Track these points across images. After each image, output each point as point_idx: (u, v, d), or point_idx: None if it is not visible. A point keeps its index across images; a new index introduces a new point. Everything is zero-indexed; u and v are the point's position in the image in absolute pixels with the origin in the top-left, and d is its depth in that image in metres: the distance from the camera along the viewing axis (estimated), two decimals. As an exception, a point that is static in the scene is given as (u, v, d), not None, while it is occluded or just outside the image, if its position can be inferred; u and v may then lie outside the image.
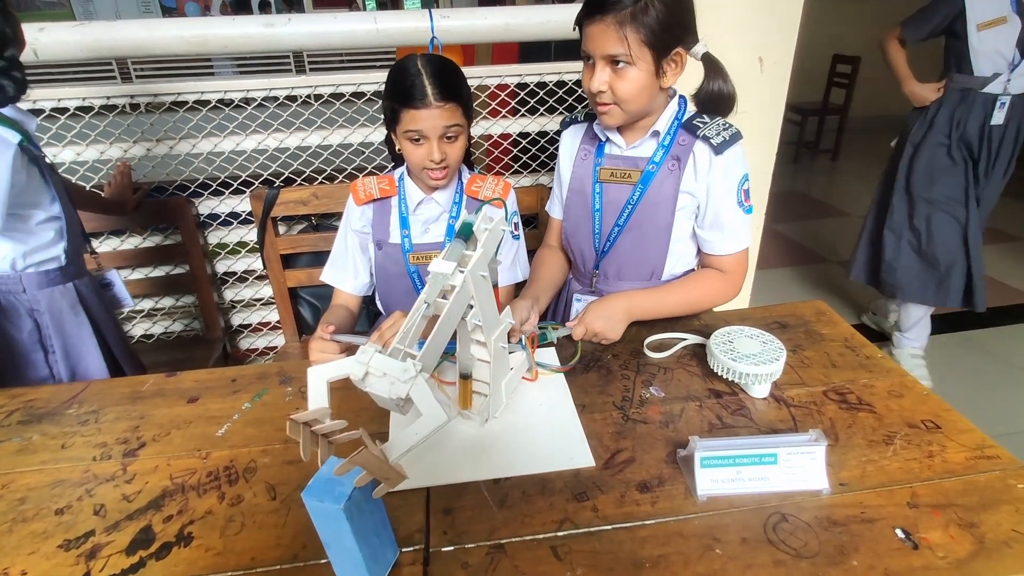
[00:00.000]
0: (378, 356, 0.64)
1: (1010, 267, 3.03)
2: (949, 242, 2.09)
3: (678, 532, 0.68)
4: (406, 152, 1.08)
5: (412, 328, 0.68)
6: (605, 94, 0.98)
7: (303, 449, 0.57)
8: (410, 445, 0.61)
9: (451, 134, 1.06)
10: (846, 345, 1.00)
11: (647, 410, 0.87)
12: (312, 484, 0.57)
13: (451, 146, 1.08)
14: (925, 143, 2.10)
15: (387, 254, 1.19)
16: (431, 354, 0.67)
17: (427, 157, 1.06)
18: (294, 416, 0.57)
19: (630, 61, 0.94)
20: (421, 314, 0.69)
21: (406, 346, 0.67)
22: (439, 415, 0.62)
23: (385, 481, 0.58)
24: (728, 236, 1.08)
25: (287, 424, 0.57)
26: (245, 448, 0.83)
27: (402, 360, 0.64)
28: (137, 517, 0.73)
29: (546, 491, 0.74)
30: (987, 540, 0.65)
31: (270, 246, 1.56)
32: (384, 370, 0.63)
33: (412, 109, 1.02)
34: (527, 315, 1.00)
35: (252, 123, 1.61)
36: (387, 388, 0.62)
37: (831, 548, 0.65)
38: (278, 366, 1.02)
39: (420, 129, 1.04)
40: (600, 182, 1.11)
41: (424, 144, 1.06)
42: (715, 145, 1.02)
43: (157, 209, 1.61)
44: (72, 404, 0.95)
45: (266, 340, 1.90)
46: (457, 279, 0.71)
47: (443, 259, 0.72)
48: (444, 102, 1.03)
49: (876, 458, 0.77)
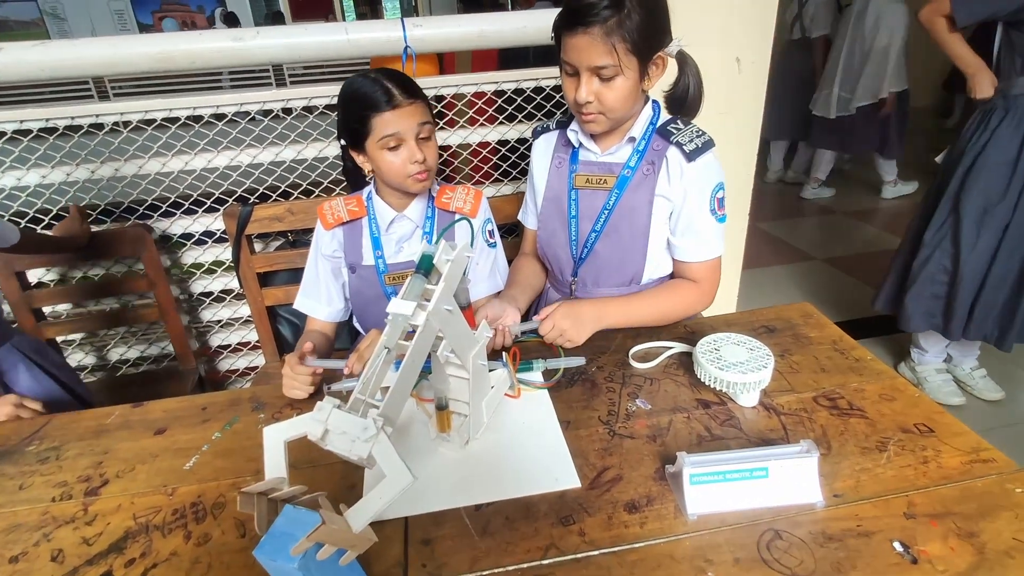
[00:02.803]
0: (336, 412, 0.59)
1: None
2: (1003, 275, 1.74)
3: (669, 555, 0.65)
4: (384, 164, 1.04)
5: (372, 376, 0.62)
6: (592, 104, 0.95)
7: (258, 523, 0.54)
8: (375, 511, 0.56)
9: (424, 133, 1.04)
10: (835, 348, 0.98)
11: (634, 424, 0.84)
12: (264, 540, 0.53)
13: (428, 146, 1.05)
14: (984, 158, 1.70)
15: (362, 277, 1.15)
16: (395, 405, 0.62)
17: (408, 160, 1.03)
18: (247, 489, 0.54)
19: (618, 71, 0.91)
20: (382, 360, 0.64)
21: (368, 396, 0.62)
22: (404, 476, 0.56)
23: (352, 548, 0.55)
24: (700, 243, 1.06)
25: (238, 498, 0.54)
26: (214, 482, 0.79)
27: (362, 415, 0.59)
28: (97, 562, 0.69)
29: (530, 516, 0.71)
30: (988, 550, 0.63)
31: (246, 264, 1.52)
32: (344, 428, 0.58)
33: (384, 113, 1.00)
34: (501, 311, 0.98)
35: (224, 139, 1.57)
36: (347, 447, 0.57)
37: (827, 566, 0.62)
38: (251, 391, 0.98)
39: (396, 131, 1.01)
40: (576, 189, 1.09)
41: (403, 148, 1.03)
42: (687, 152, 1.00)
43: (113, 240, 1.53)
44: (32, 440, 0.90)
45: (246, 360, 1.86)
46: (419, 318, 0.66)
47: (402, 298, 0.67)
48: (412, 99, 1.02)
49: (870, 466, 0.74)
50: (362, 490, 0.77)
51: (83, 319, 1.63)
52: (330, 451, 0.58)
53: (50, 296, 1.56)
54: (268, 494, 0.55)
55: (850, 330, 1.04)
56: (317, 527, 0.49)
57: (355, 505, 0.56)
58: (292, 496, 0.55)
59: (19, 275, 1.50)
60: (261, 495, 0.54)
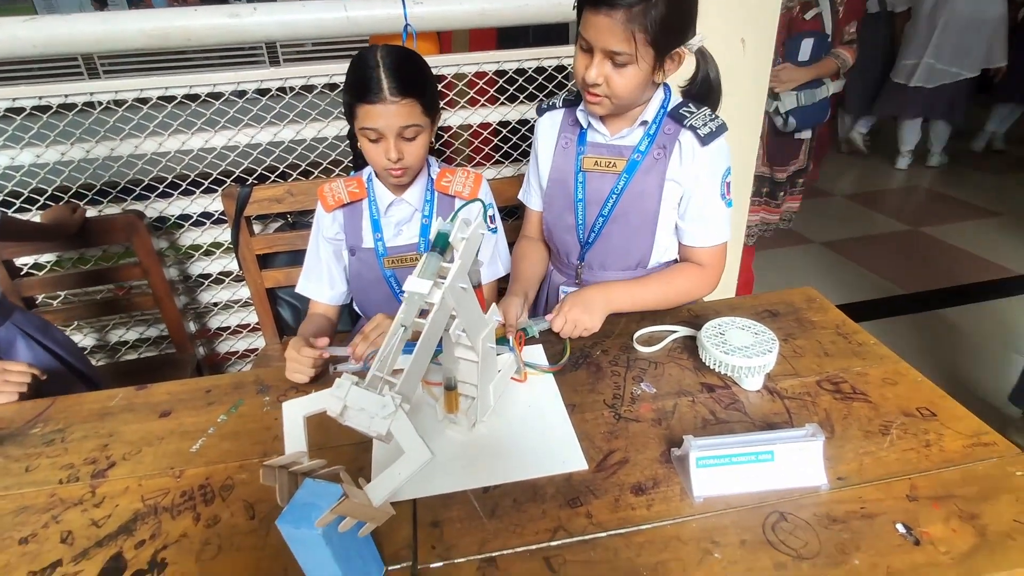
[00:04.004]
0: (355, 389, 0.59)
1: (991, 242, 3.06)
2: None
3: (675, 536, 0.66)
4: (365, 150, 1.03)
5: (390, 354, 0.63)
6: (600, 87, 0.94)
7: (279, 496, 0.54)
8: (394, 486, 0.57)
9: (409, 135, 1.00)
10: (838, 332, 0.98)
11: (639, 407, 0.85)
12: (287, 510, 0.53)
13: (409, 145, 1.01)
14: None
15: (361, 260, 1.14)
16: (412, 381, 0.63)
17: (384, 156, 1.00)
18: (269, 462, 0.54)
19: (632, 60, 0.89)
20: (399, 338, 0.64)
21: (385, 373, 0.62)
22: (423, 452, 0.58)
23: (371, 521, 0.55)
24: (709, 228, 1.05)
25: (261, 471, 0.54)
26: (221, 464, 0.80)
27: (380, 392, 0.59)
28: (107, 543, 0.69)
29: (538, 498, 0.71)
30: (989, 532, 0.64)
31: (245, 246, 1.51)
32: (362, 405, 0.59)
33: (367, 104, 0.96)
34: (520, 312, 0.98)
35: (221, 119, 1.55)
36: (366, 424, 0.58)
37: (832, 547, 0.63)
38: (254, 374, 0.98)
39: (376, 127, 0.97)
40: (583, 171, 1.08)
41: (381, 142, 1.00)
42: (702, 136, 0.99)
43: (104, 228, 1.50)
44: (37, 423, 0.90)
45: (246, 343, 1.85)
46: (435, 296, 0.66)
47: (418, 276, 0.66)
48: (401, 97, 0.96)
49: (873, 450, 0.75)
50: (371, 473, 0.77)
51: (76, 307, 1.62)
52: (340, 433, 0.59)
53: (41, 284, 1.54)
54: (289, 467, 0.55)
55: (850, 312, 1.04)
56: (341, 500, 0.50)
57: (375, 480, 0.56)
58: (312, 470, 0.55)
59: (6, 263, 1.48)
60: (282, 468, 0.55)
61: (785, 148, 2.18)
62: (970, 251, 2.97)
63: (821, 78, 2.06)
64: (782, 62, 2.02)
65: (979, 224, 3.28)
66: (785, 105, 2.05)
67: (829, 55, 2.05)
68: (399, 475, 0.56)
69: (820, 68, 2.04)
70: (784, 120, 2.07)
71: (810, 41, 2.01)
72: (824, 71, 2.06)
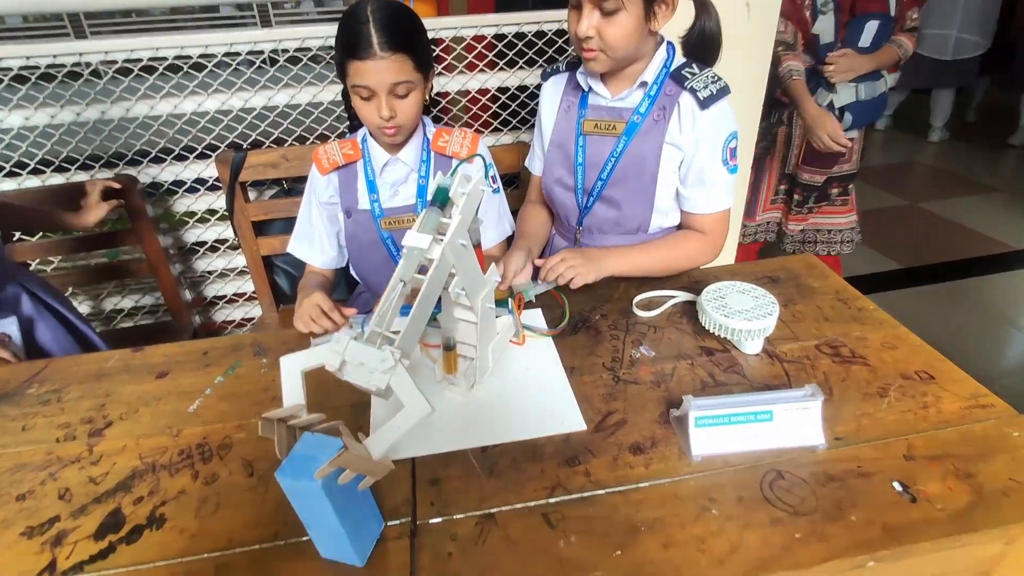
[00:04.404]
0: (354, 344, 0.59)
1: (988, 218, 3.05)
2: None
3: (673, 494, 0.66)
4: (357, 108, 1.01)
5: (389, 309, 0.62)
6: (592, 40, 0.92)
7: (278, 448, 0.54)
8: (393, 439, 0.57)
9: (401, 91, 0.98)
10: (838, 298, 0.98)
11: (638, 370, 0.85)
12: (286, 463, 0.53)
13: (401, 103, 0.99)
14: None
15: (357, 222, 1.13)
16: (411, 337, 0.62)
17: (376, 113, 0.98)
18: (267, 414, 0.54)
19: (620, 6, 0.88)
20: (398, 294, 0.63)
21: (384, 329, 0.62)
22: (422, 406, 0.58)
23: (370, 475, 0.55)
24: (710, 195, 1.04)
25: (259, 423, 0.54)
26: (219, 424, 0.79)
27: (379, 347, 0.59)
28: (105, 500, 0.69)
29: (536, 457, 0.72)
30: (985, 490, 0.64)
31: (240, 213, 1.49)
32: (361, 359, 0.58)
33: (357, 60, 0.94)
34: (522, 265, 0.97)
35: (214, 82, 1.51)
36: (366, 378, 0.58)
37: (829, 504, 0.64)
38: (252, 337, 0.98)
39: (367, 84, 0.95)
40: (584, 135, 1.06)
41: (373, 100, 0.98)
42: (702, 99, 0.97)
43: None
44: (32, 383, 0.89)
45: (242, 311, 1.85)
46: (435, 252, 0.65)
47: (417, 231, 0.65)
48: (391, 52, 0.93)
49: (871, 411, 0.75)
50: (369, 433, 0.77)
51: (70, 273, 1.60)
52: (338, 393, 0.58)
53: (33, 250, 1.52)
54: (287, 421, 0.55)
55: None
56: (341, 451, 0.50)
57: (374, 433, 0.56)
58: (311, 424, 0.55)
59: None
60: (280, 421, 0.54)
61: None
62: (968, 227, 2.97)
63: (880, 69, 1.74)
64: (841, 47, 1.70)
65: (978, 200, 3.27)
66: (842, 99, 1.72)
67: (890, 43, 1.73)
68: (399, 428, 0.56)
69: (882, 57, 1.72)
70: (838, 117, 1.73)
71: (875, 24, 1.68)
72: (885, 61, 1.73)
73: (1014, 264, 2.63)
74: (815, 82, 1.73)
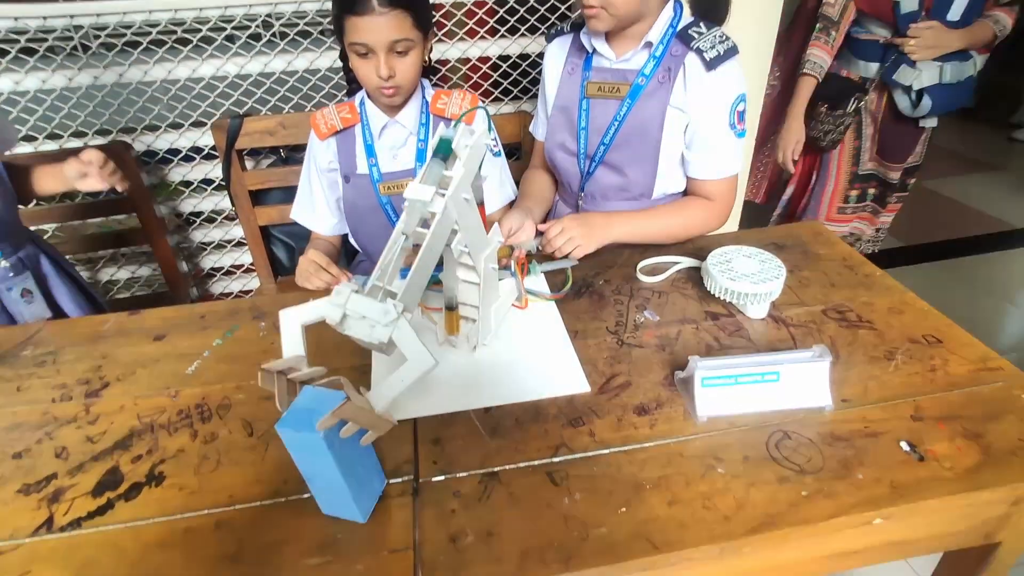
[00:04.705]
0: (355, 297, 0.57)
1: (988, 196, 3.03)
2: None
3: (679, 453, 0.65)
4: (355, 68, 0.98)
5: (390, 263, 0.61)
6: None
7: (279, 400, 0.53)
8: (397, 392, 0.56)
9: (400, 48, 0.95)
10: (844, 264, 0.97)
11: (642, 334, 0.84)
12: (287, 415, 0.52)
13: (401, 61, 0.97)
14: None
15: (356, 187, 1.10)
16: (413, 292, 0.61)
17: (375, 73, 0.96)
18: (266, 365, 0.52)
19: None
20: (400, 247, 0.62)
21: (385, 283, 0.60)
22: (426, 359, 0.56)
23: (373, 429, 0.54)
24: (716, 160, 1.01)
25: (259, 374, 0.52)
26: (218, 385, 0.78)
27: (381, 300, 0.57)
28: (103, 458, 0.68)
29: (540, 418, 0.71)
30: (993, 450, 0.63)
31: (237, 182, 1.46)
32: (363, 312, 0.57)
33: (355, 16, 0.91)
34: (520, 223, 0.95)
35: (208, 46, 1.48)
36: (367, 332, 0.56)
37: (835, 463, 0.63)
38: (250, 302, 0.96)
39: (365, 41, 0.93)
40: (587, 98, 1.04)
41: (371, 59, 0.95)
42: (708, 60, 0.94)
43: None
44: (27, 346, 0.88)
45: (240, 283, 1.83)
46: (437, 205, 0.63)
47: (420, 183, 0.63)
48: (390, 8, 0.91)
49: (878, 374, 0.75)
50: (369, 393, 0.76)
51: (66, 243, 1.57)
52: (339, 353, 0.57)
53: (28, 217, 1.49)
54: (287, 373, 0.53)
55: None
56: (343, 403, 0.48)
57: (375, 385, 0.55)
58: (311, 378, 0.53)
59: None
60: (281, 374, 0.53)
61: (903, 138, 1.59)
62: (970, 205, 2.95)
63: (970, 49, 1.47)
64: (926, 17, 1.42)
65: (981, 179, 3.25)
66: (923, 80, 1.44)
67: (984, 18, 1.45)
68: (402, 381, 0.55)
69: (974, 33, 1.44)
70: (915, 100, 1.47)
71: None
72: (977, 39, 1.45)
73: (1016, 243, 2.62)
74: (894, 59, 1.47)
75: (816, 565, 0.64)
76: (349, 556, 0.56)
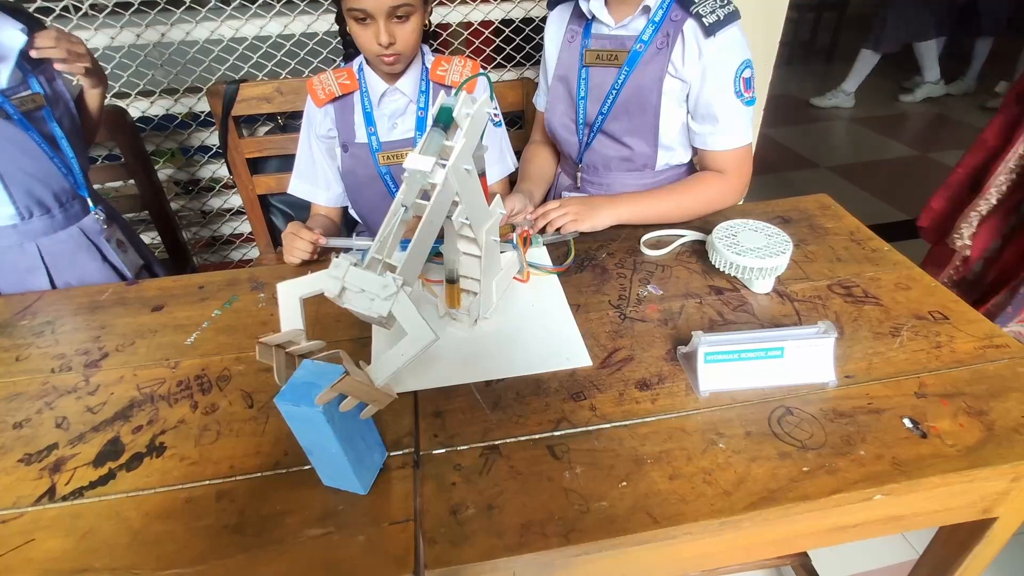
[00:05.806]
0: (354, 270, 0.56)
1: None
2: None
3: (680, 428, 0.65)
4: (354, 35, 0.95)
5: (390, 235, 0.59)
6: None
7: (277, 374, 0.52)
8: (396, 367, 0.55)
9: (401, 13, 0.92)
10: (852, 239, 0.95)
11: (645, 308, 0.83)
12: (286, 389, 0.51)
13: (401, 27, 0.93)
14: None
15: (354, 156, 1.08)
16: (413, 265, 0.59)
17: (374, 40, 0.93)
18: (264, 339, 0.52)
19: None
20: (399, 219, 0.60)
21: (384, 255, 0.59)
22: (426, 334, 0.55)
23: (373, 403, 0.53)
24: (724, 130, 0.98)
25: (256, 348, 0.52)
26: (218, 356, 0.78)
27: (381, 274, 0.56)
28: (103, 429, 0.68)
29: (541, 392, 0.70)
30: (996, 427, 0.63)
31: (234, 149, 1.44)
32: (362, 286, 0.56)
33: None
34: (522, 206, 0.94)
35: (202, 8, 1.43)
36: (366, 305, 0.55)
37: (837, 439, 0.63)
38: (248, 272, 0.95)
39: (364, 7, 0.89)
40: (586, 66, 1.00)
41: (371, 25, 0.92)
42: (707, 25, 0.91)
43: None
44: (24, 316, 0.87)
45: (239, 253, 1.82)
46: (438, 176, 0.61)
47: (420, 153, 0.61)
48: None
49: (883, 350, 0.74)
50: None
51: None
52: (337, 327, 0.56)
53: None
54: (286, 347, 0.53)
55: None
56: (342, 377, 0.48)
57: (375, 359, 0.54)
58: (310, 351, 0.53)
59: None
60: (279, 347, 0.52)
61: None
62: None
63: None
64: None
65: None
66: None
67: None
68: (402, 355, 0.54)
69: None
70: None
71: None
72: None
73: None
74: None
75: (814, 539, 0.65)
76: (350, 527, 0.56)
